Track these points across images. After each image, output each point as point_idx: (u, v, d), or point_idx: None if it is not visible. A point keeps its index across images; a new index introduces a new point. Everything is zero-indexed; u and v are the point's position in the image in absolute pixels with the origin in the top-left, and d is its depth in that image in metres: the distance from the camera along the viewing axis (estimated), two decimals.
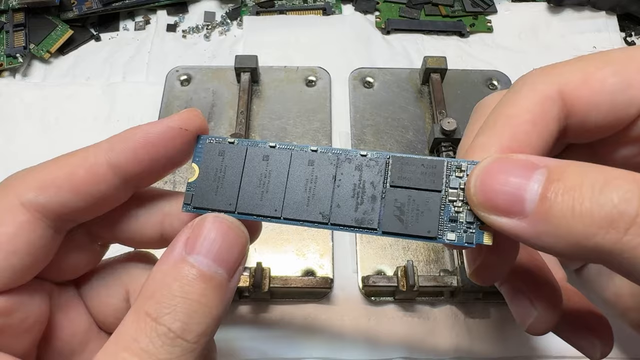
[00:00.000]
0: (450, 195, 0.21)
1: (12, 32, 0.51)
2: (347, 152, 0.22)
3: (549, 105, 0.21)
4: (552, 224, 0.17)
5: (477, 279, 0.24)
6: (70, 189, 0.21)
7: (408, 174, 0.21)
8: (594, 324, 0.27)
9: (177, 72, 0.51)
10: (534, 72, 0.23)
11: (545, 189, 0.18)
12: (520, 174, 0.18)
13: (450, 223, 0.21)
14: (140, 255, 0.26)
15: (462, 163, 0.21)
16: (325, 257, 0.41)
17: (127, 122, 0.49)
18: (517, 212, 0.18)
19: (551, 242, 0.18)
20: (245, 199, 0.22)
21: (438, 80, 0.48)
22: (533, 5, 0.58)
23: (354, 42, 0.54)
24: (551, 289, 0.25)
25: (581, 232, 0.17)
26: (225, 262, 0.20)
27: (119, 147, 0.21)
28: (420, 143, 0.47)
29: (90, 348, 0.25)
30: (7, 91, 0.50)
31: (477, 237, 0.21)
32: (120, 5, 0.55)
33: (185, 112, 0.22)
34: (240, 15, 0.57)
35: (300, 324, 0.39)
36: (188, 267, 0.19)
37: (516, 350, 0.39)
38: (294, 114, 0.48)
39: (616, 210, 0.16)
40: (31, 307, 0.22)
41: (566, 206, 0.17)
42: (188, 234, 0.20)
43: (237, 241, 0.21)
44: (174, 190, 0.44)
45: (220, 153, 0.22)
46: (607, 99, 0.21)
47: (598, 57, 0.22)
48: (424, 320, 0.40)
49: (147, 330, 0.18)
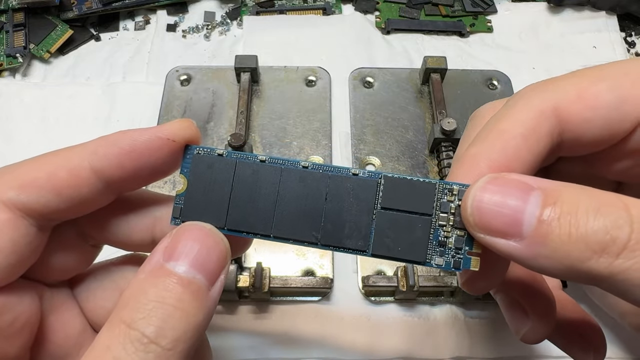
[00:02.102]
0: (441, 219, 0.21)
1: (12, 32, 0.51)
2: (338, 170, 0.22)
3: (542, 121, 0.21)
4: (549, 247, 0.18)
5: (468, 289, 0.24)
6: (51, 189, 0.21)
7: (399, 196, 0.21)
8: (587, 332, 0.28)
9: (177, 72, 0.51)
10: (530, 87, 0.23)
11: (542, 213, 0.18)
12: (516, 195, 0.19)
13: (438, 247, 0.21)
14: (137, 259, 0.26)
15: (454, 186, 0.21)
16: (325, 257, 0.41)
17: (127, 122, 0.49)
18: (514, 234, 0.18)
19: (547, 264, 0.18)
20: (234, 215, 0.22)
21: (438, 80, 0.48)
22: (533, 5, 0.58)
23: (354, 42, 0.54)
24: (545, 300, 0.26)
25: (576, 256, 0.17)
26: (204, 267, 0.20)
27: (103, 151, 0.21)
28: (420, 143, 0.47)
29: (84, 350, 0.24)
30: (7, 91, 0.50)
31: (464, 263, 0.21)
32: (120, 5, 0.55)
33: (176, 122, 0.22)
34: (240, 15, 0.57)
35: (300, 324, 0.39)
36: (165, 274, 0.19)
37: (516, 350, 0.39)
38: (294, 114, 0.48)
39: (609, 236, 0.17)
40: (20, 308, 0.21)
41: (563, 231, 0.18)
42: (167, 242, 0.20)
43: (216, 248, 0.20)
44: (174, 189, 0.44)
45: (209, 166, 0.22)
46: (601, 114, 0.21)
47: (593, 73, 0.22)
48: (424, 320, 0.40)
49: (120, 336, 0.18)
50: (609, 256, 0.17)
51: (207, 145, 0.46)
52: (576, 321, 0.28)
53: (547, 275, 0.19)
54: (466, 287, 0.24)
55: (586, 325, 0.28)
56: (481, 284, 0.24)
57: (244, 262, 0.40)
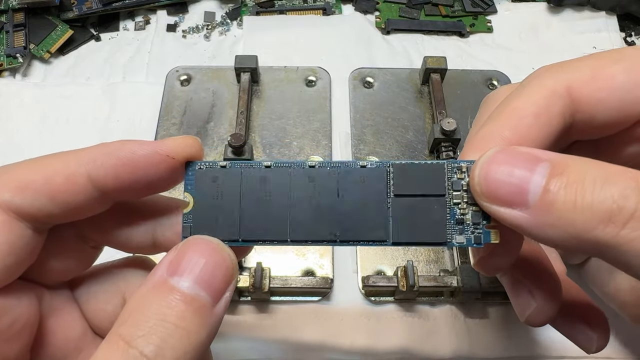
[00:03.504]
0: (455, 198, 0.21)
1: (12, 32, 0.51)
2: (346, 164, 0.21)
3: (554, 100, 0.21)
4: (554, 216, 0.18)
5: (481, 269, 0.24)
6: (46, 193, 0.20)
7: (411, 181, 0.21)
8: (591, 317, 0.28)
9: (177, 72, 0.51)
10: (544, 68, 0.23)
11: (549, 182, 0.18)
12: (524, 166, 0.19)
13: (457, 226, 0.21)
14: (139, 261, 0.26)
15: (462, 164, 0.21)
16: (325, 257, 0.41)
17: (127, 122, 0.49)
18: (520, 203, 0.19)
19: (552, 233, 0.18)
20: (248, 224, 0.21)
21: (438, 80, 0.48)
22: (533, 5, 0.58)
23: (354, 42, 0.54)
24: (551, 281, 0.26)
25: (581, 225, 0.17)
26: (209, 284, 0.19)
27: (101, 161, 0.21)
28: (420, 143, 0.47)
29: (84, 353, 0.24)
30: (7, 91, 0.50)
31: (484, 237, 0.21)
32: (120, 5, 0.55)
33: (178, 139, 0.22)
34: (240, 15, 0.57)
35: (300, 324, 0.39)
36: (168, 289, 0.18)
37: (516, 350, 0.39)
38: (294, 114, 0.48)
39: (616, 205, 0.17)
40: (19, 310, 0.21)
41: (569, 199, 0.18)
42: (172, 256, 0.20)
43: (223, 264, 0.20)
44: (174, 190, 0.44)
45: (213, 179, 0.21)
46: (615, 96, 0.21)
47: (608, 55, 0.22)
48: (424, 320, 0.40)
49: (118, 354, 0.17)
50: (615, 226, 0.17)
51: (206, 145, 0.46)
52: (580, 305, 0.28)
53: (552, 246, 0.19)
54: (479, 266, 0.24)
55: (590, 309, 0.28)
56: (496, 260, 0.24)
57: (244, 262, 0.40)
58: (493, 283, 0.38)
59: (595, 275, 0.34)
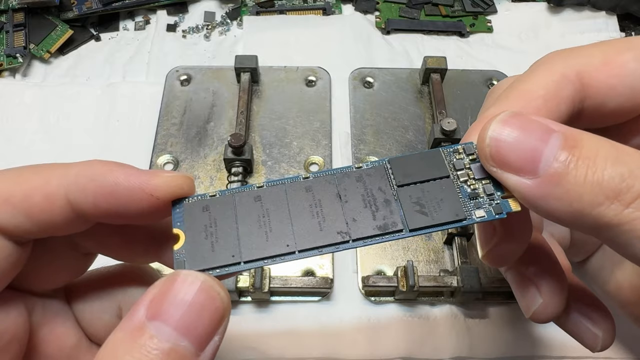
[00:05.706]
0: (461, 176, 0.21)
1: (12, 32, 0.51)
2: (340, 169, 0.21)
3: (565, 85, 0.21)
4: (562, 187, 0.18)
5: (489, 261, 0.24)
6: (24, 211, 0.19)
7: (411, 170, 0.21)
8: (597, 315, 0.27)
9: (177, 72, 0.51)
10: (553, 52, 0.23)
11: (561, 154, 0.18)
12: (537, 134, 0.18)
13: (472, 201, 0.20)
14: (135, 269, 0.25)
15: (458, 147, 0.21)
16: (325, 257, 0.41)
17: (127, 122, 0.49)
18: (529, 171, 0.18)
19: (556, 206, 0.18)
20: (248, 245, 0.20)
21: (438, 81, 0.48)
22: (533, 5, 0.58)
23: (354, 42, 0.54)
24: (557, 276, 0.25)
25: (588, 200, 0.17)
26: (191, 331, 0.17)
27: (82, 184, 0.19)
28: (420, 143, 0.47)
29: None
30: (7, 91, 0.50)
31: (505, 207, 0.20)
32: (120, 5, 0.55)
33: (169, 178, 0.20)
34: (240, 15, 0.57)
35: (300, 324, 0.39)
36: (145, 338, 0.16)
37: (516, 350, 0.39)
38: (294, 114, 0.48)
39: (625, 184, 0.17)
40: (6, 324, 0.20)
41: (580, 173, 0.18)
42: (153, 294, 0.17)
43: (210, 305, 0.17)
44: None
45: (204, 209, 0.20)
46: (626, 82, 0.21)
47: (620, 42, 0.22)
48: (424, 320, 0.40)
49: None
50: (620, 204, 0.17)
51: (206, 145, 0.46)
52: (586, 303, 0.28)
53: (552, 220, 0.19)
54: (487, 258, 0.24)
55: (596, 307, 0.27)
56: (506, 248, 0.23)
57: None
58: (493, 283, 0.38)
59: (597, 273, 0.34)
